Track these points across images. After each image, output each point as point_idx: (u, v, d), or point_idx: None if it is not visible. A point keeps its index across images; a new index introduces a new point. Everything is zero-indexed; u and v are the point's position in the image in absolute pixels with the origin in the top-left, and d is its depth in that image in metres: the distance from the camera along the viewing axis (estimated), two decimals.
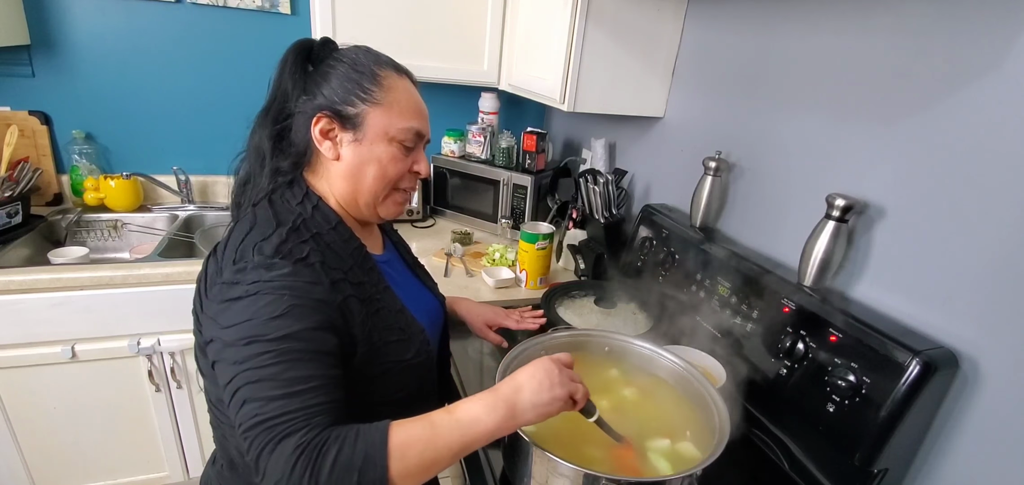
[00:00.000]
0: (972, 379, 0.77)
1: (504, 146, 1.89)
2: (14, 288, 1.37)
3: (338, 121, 0.70)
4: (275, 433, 0.54)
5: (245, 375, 0.57)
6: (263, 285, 0.59)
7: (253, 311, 0.58)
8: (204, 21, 1.81)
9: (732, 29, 1.22)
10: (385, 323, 0.71)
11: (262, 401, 0.55)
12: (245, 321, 0.58)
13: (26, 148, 1.75)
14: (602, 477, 0.63)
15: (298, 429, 0.54)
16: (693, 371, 0.86)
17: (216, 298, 0.62)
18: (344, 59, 0.71)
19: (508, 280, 1.52)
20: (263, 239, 0.62)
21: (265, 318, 0.57)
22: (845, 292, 0.96)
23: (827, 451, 0.86)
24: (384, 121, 0.70)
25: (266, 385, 0.56)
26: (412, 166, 0.75)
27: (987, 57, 0.74)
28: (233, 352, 0.58)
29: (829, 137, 0.99)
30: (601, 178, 1.48)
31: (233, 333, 0.58)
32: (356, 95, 0.70)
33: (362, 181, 0.72)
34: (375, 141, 0.71)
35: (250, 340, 0.57)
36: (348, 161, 0.71)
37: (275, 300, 0.58)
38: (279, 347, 0.57)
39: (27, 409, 1.51)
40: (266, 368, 0.56)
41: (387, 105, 0.71)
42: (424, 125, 0.76)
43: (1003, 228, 0.73)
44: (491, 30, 1.76)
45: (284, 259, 0.61)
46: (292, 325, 0.58)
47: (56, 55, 1.72)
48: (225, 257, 0.64)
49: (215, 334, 0.61)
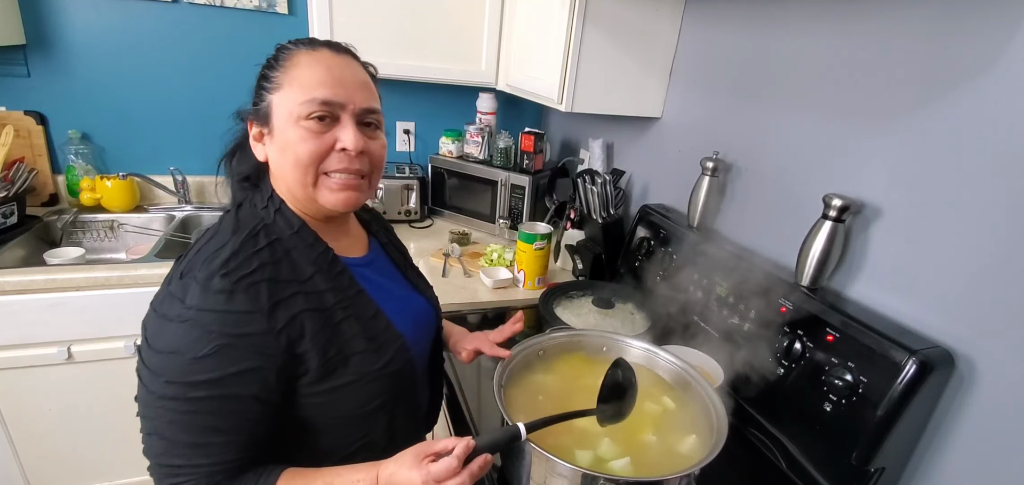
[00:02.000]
0: (968, 378, 0.77)
1: (502, 146, 1.89)
2: (9, 289, 1.36)
3: (258, 121, 0.67)
4: (175, 481, 0.58)
5: (159, 412, 0.58)
6: (197, 315, 0.57)
7: (180, 344, 0.57)
8: (201, 21, 1.81)
9: (729, 29, 1.22)
10: (350, 332, 0.67)
11: (169, 443, 0.58)
12: (170, 353, 0.57)
13: (22, 148, 1.74)
14: (601, 477, 0.64)
15: (197, 483, 0.58)
16: (691, 371, 0.86)
17: (157, 305, 0.61)
18: (271, 58, 0.69)
19: (506, 280, 1.52)
20: (215, 251, 0.61)
21: (190, 358, 0.56)
22: (842, 292, 0.96)
23: (824, 450, 0.86)
24: (286, 102, 0.64)
25: (178, 429, 0.58)
26: (334, 143, 0.66)
27: (983, 57, 0.75)
28: (153, 381, 0.58)
29: (826, 137, 0.99)
30: (599, 178, 1.49)
31: (158, 362, 0.58)
32: (263, 88, 0.66)
33: (285, 174, 0.67)
34: (285, 128, 0.65)
35: (171, 381, 0.57)
36: (272, 159, 0.68)
37: (203, 337, 0.57)
38: (198, 394, 0.57)
39: (23, 410, 1.50)
40: (181, 414, 0.57)
41: (287, 84, 0.65)
42: (336, 92, 0.65)
43: (999, 228, 0.73)
44: (489, 30, 1.76)
45: (226, 277, 0.58)
46: (216, 369, 0.57)
47: (52, 55, 1.72)
48: (179, 266, 0.63)
49: (144, 347, 0.60)
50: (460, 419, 0.98)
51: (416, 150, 2.23)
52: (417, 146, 2.23)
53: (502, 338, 0.91)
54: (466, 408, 0.99)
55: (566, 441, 0.75)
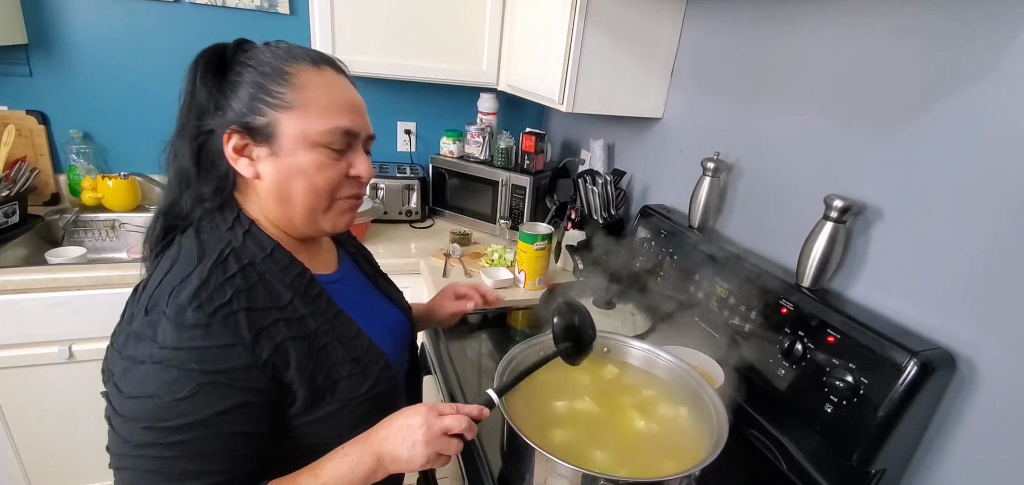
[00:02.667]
0: (969, 380, 0.77)
1: (503, 147, 1.89)
2: (11, 288, 1.36)
3: (250, 135, 0.61)
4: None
5: (138, 461, 0.54)
6: (170, 355, 0.52)
7: (157, 387, 0.52)
8: (202, 21, 1.81)
9: (731, 30, 1.22)
10: (334, 358, 0.65)
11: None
12: (146, 397, 0.53)
13: (23, 147, 1.74)
14: (601, 477, 0.63)
15: None
16: (691, 372, 0.86)
17: (120, 348, 0.56)
18: (251, 61, 0.62)
19: (507, 280, 1.52)
20: (181, 281, 0.55)
21: (169, 400, 0.52)
22: (843, 293, 0.96)
23: (825, 451, 0.86)
24: (300, 125, 0.60)
25: (158, 478, 0.53)
26: (348, 170, 0.65)
27: (985, 58, 0.74)
28: (129, 430, 0.53)
29: (827, 138, 0.99)
30: (600, 179, 1.49)
31: (132, 407, 0.53)
32: (263, 102, 0.60)
33: (291, 198, 0.63)
34: (295, 150, 0.61)
35: (149, 426, 0.53)
36: (270, 178, 0.62)
37: (182, 377, 0.52)
38: (180, 438, 0.53)
39: (24, 410, 1.50)
40: (161, 460, 0.53)
41: (301, 106, 0.61)
42: (355, 121, 0.64)
43: (1000, 229, 0.73)
44: (490, 31, 1.76)
45: (199, 309, 0.53)
46: (198, 411, 0.53)
47: (54, 54, 1.72)
48: (139, 301, 0.57)
49: (112, 392, 0.55)
50: None
51: (417, 150, 2.23)
52: (418, 146, 2.23)
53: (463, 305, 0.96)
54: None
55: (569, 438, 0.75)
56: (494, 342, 1.26)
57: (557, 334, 0.78)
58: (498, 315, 1.39)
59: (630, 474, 0.72)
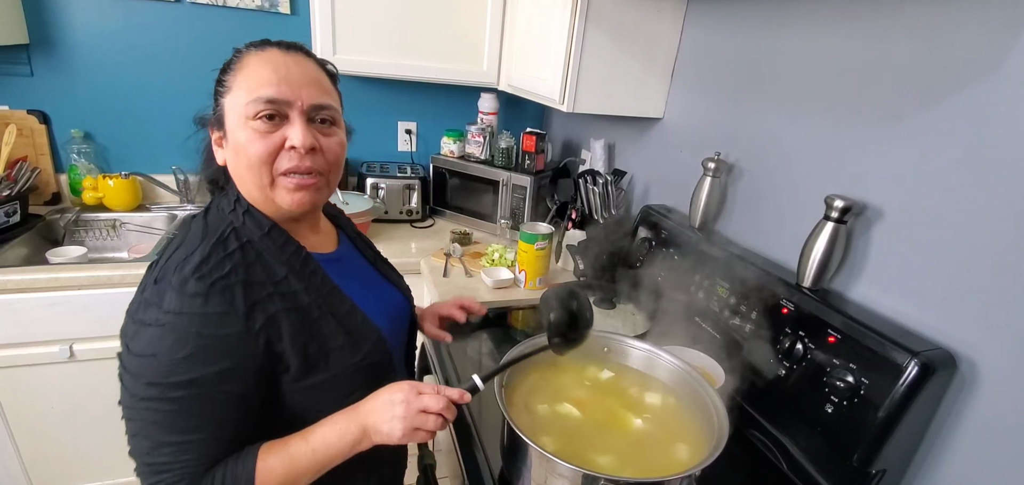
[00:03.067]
0: (970, 380, 0.77)
1: (503, 146, 1.89)
2: (12, 287, 1.36)
3: (216, 126, 0.68)
4: (162, 478, 0.59)
5: (142, 413, 0.59)
6: (174, 319, 0.58)
7: (159, 347, 0.57)
8: (203, 21, 1.81)
9: (731, 30, 1.22)
10: (327, 329, 0.68)
11: (153, 443, 0.59)
12: (151, 356, 0.58)
13: (24, 147, 1.74)
14: (601, 477, 0.63)
15: (182, 478, 0.59)
16: (692, 372, 0.86)
17: (132, 313, 0.61)
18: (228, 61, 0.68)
19: (507, 280, 1.52)
20: (186, 257, 0.60)
21: (169, 360, 0.57)
22: (844, 293, 0.96)
23: (825, 452, 0.86)
24: (235, 104, 0.64)
25: (160, 429, 0.59)
26: (282, 142, 0.64)
27: (986, 59, 0.74)
28: (134, 385, 0.59)
29: (828, 138, 0.99)
30: (600, 179, 1.49)
31: (138, 365, 0.58)
32: (218, 92, 0.67)
33: (241, 176, 0.66)
34: (235, 129, 0.64)
35: (152, 382, 0.58)
36: (229, 161, 0.68)
37: (181, 340, 0.57)
38: (178, 394, 0.58)
39: (25, 409, 1.50)
40: (162, 413, 0.58)
41: (236, 86, 0.64)
42: (281, 90, 0.64)
43: (1001, 230, 0.73)
44: (491, 31, 1.76)
45: (200, 280, 0.58)
46: (195, 370, 0.58)
47: (55, 54, 1.72)
48: (150, 271, 0.63)
49: (124, 352, 0.61)
50: (460, 419, 0.98)
51: (417, 150, 2.23)
52: (419, 146, 2.23)
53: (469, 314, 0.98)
54: (466, 407, 0.99)
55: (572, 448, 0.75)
56: (494, 342, 1.26)
57: (550, 327, 0.79)
58: (498, 315, 1.39)
59: (630, 474, 0.72)
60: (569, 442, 0.76)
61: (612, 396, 0.87)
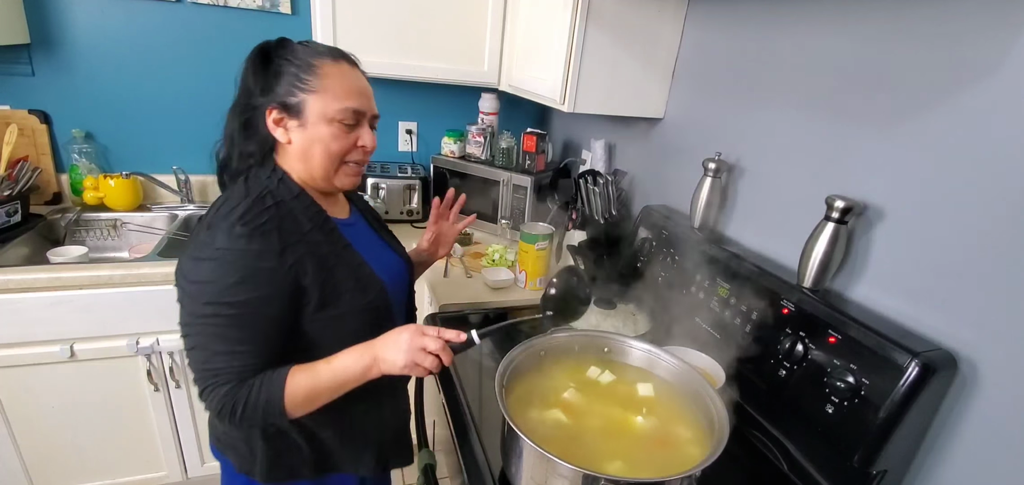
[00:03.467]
0: (971, 381, 0.77)
1: (504, 147, 1.90)
2: (13, 287, 1.37)
3: (285, 111, 0.80)
4: (216, 380, 0.74)
5: (199, 328, 0.74)
6: (224, 253, 0.72)
7: (215, 275, 0.73)
8: (204, 21, 1.81)
9: (732, 31, 1.22)
10: (340, 275, 0.83)
11: (209, 353, 0.74)
12: (207, 283, 0.73)
13: (25, 147, 1.74)
14: (601, 477, 0.63)
15: (231, 381, 0.74)
16: (692, 372, 0.86)
17: (189, 254, 0.76)
18: (289, 56, 0.80)
19: (507, 281, 1.52)
20: (231, 209, 0.75)
21: (222, 285, 0.72)
22: (844, 293, 0.96)
23: (826, 452, 0.86)
24: (321, 105, 0.79)
25: (215, 340, 0.74)
26: (356, 141, 0.84)
27: (986, 60, 0.74)
28: (193, 306, 0.74)
29: (829, 139, 0.99)
30: (601, 179, 1.49)
31: (196, 290, 0.74)
32: (296, 87, 0.79)
33: (312, 159, 0.82)
34: (316, 124, 0.80)
35: (208, 302, 0.73)
36: (298, 143, 0.81)
37: (232, 270, 0.72)
38: (229, 312, 0.73)
39: (25, 408, 1.50)
40: (217, 327, 0.73)
41: (322, 91, 0.79)
42: (362, 103, 0.83)
43: (1002, 230, 0.73)
44: (491, 31, 1.76)
45: (244, 225, 0.73)
46: (242, 294, 0.73)
47: (56, 54, 1.72)
48: (202, 223, 0.77)
49: (182, 284, 0.76)
50: (461, 418, 0.98)
51: (418, 150, 2.23)
52: (419, 146, 2.23)
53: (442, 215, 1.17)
54: (467, 408, 0.99)
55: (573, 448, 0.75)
56: (495, 342, 1.26)
57: (546, 301, 0.94)
58: (498, 315, 1.39)
59: (630, 474, 0.72)
60: (573, 446, 0.76)
61: (609, 400, 0.87)
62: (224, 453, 0.92)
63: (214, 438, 0.94)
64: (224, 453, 0.92)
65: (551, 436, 0.77)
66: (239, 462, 0.90)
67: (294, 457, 0.89)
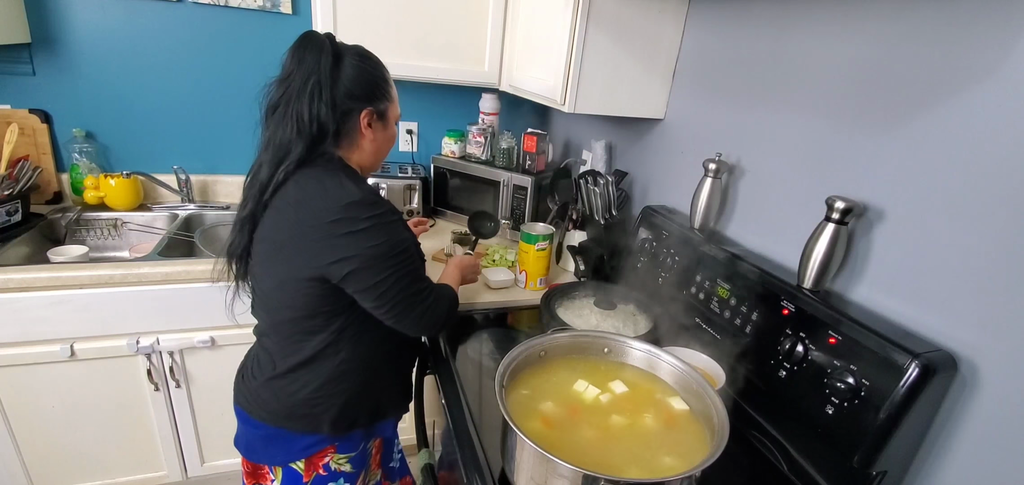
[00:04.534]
0: (971, 382, 0.77)
1: (504, 147, 1.90)
2: (13, 286, 1.37)
3: (376, 115, 0.99)
4: (418, 299, 0.98)
5: (396, 265, 0.93)
6: (382, 217, 0.91)
7: (387, 234, 0.91)
8: (205, 20, 1.82)
9: (733, 32, 1.22)
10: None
11: (411, 279, 0.96)
12: (385, 241, 0.90)
13: (26, 146, 1.75)
14: (601, 478, 0.63)
15: (426, 297, 1.00)
16: (692, 373, 0.86)
17: (338, 232, 0.88)
18: (370, 65, 0.98)
19: (507, 281, 1.52)
20: (350, 192, 0.89)
21: (396, 238, 0.93)
22: (844, 294, 0.96)
23: (826, 453, 0.86)
24: (393, 112, 1.04)
25: (409, 267, 0.96)
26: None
27: (986, 61, 0.74)
28: (383, 261, 0.91)
29: (829, 140, 0.99)
30: (601, 179, 1.49)
31: (379, 249, 0.90)
32: (387, 95, 1.00)
33: (381, 153, 1.05)
34: (389, 125, 1.03)
35: (393, 250, 0.92)
36: (377, 140, 1.02)
37: (394, 225, 0.93)
38: (408, 252, 0.96)
39: (25, 408, 1.51)
40: (405, 265, 0.95)
41: (393, 99, 1.02)
42: None
43: (1002, 231, 0.73)
44: (492, 31, 1.76)
45: (370, 199, 0.90)
46: (409, 238, 0.98)
47: (57, 53, 1.73)
48: (321, 210, 0.88)
49: (353, 253, 0.88)
50: (461, 419, 0.98)
51: (418, 150, 2.23)
52: (420, 146, 2.23)
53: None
54: (467, 407, 0.99)
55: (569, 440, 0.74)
56: (495, 342, 1.26)
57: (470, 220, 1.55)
58: (499, 315, 1.39)
59: (630, 474, 0.72)
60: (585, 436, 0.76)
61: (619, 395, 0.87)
62: (278, 424, 0.99)
63: (262, 414, 1.00)
64: (278, 424, 0.99)
65: (551, 436, 0.77)
66: (302, 424, 0.99)
67: (357, 406, 1.02)
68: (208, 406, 1.69)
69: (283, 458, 1.02)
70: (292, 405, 0.98)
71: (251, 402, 1.01)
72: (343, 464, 1.05)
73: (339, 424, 1.00)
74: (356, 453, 1.07)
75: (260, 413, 1.00)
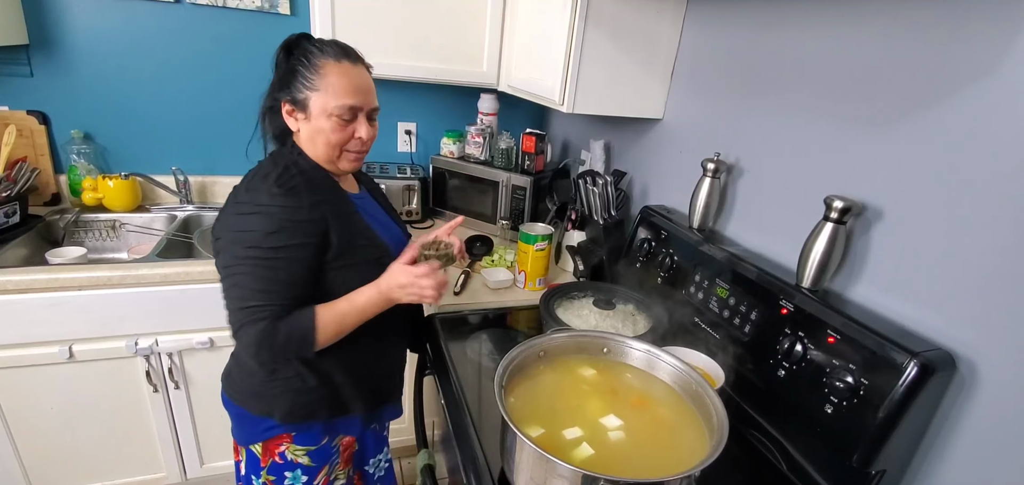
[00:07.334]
0: (969, 381, 0.77)
1: (503, 147, 1.90)
2: (11, 288, 1.36)
3: (295, 106, 0.93)
4: (253, 316, 0.85)
5: (241, 267, 0.85)
6: (264, 208, 0.85)
7: (257, 225, 0.85)
8: (203, 21, 1.81)
9: (731, 31, 1.23)
10: (355, 230, 0.96)
11: (248, 292, 0.85)
12: (250, 230, 0.85)
13: (24, 148, 1.74)
14: (601, 478, 0.63)
15: (267, 317, 0.85)
16: (691, 372, 0.86)
17: (231, 210, 0.89)
18: (301, 55, 0.92)
19: (506, 281, 1.52)
20: (266, 175, 0.89)
21: (263, 232, 0.85)
22: (843, 293, 0.96)
23: (825, 452, 0.86)
24: (322, 102, 0.91)
25: (254, 280, 0.85)
26: (353, 133, 0.95)
27: (984, 60, 0.75)
28: (236, 248, 0.86)
29: (828, 139, 0.99)
30: (600, 179, 1.49)
31: (239, 236, 0.86)
32: (303, 84, 0.91)
33: (316, 146, 0.95)
34: (318, 117, 0.92)
35: (250, 245, 0.85)
36: (304, 133, 0.95)
37: (271, 220, 0.85)
38: (267, 255, 0.85)
39: (24, 409, 1.50)
40: (256, 268, 0.85)
41: (322, 89, 0.91)
42: (358, 100, 0.93)
43: (1001, 230, 0.73)
44: (490, 31, 1.76)
45: (280, 187, 0.86)
46: (280, 240, 0.85)
47: (55, 55, 1.72)
48: (239, 188, 0.91)
49: (224, 233, 0.88)
50: (460, 417, 0.98)
51: (417, 151, 2.23)
52: (418, 147, 2.23)
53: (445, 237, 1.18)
54: (467, 407, 0.99)
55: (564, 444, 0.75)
56: (494, 342, 1.26)
57: None
58: (498, 315, 1.39)
59: (630, 474, 0.72)
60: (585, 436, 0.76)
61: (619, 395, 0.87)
62: (240, 403, 1.02)
63: (229, 390, 1.04)
64: (240, 403, 1.02)
65: (550, 436, 0.77)
66: (258, 406, 1.00)
67: (311, 397, 0.99)
68: (207, 407, 1.68)
69: (246, 438, 1.04)
70: (251, 385, 1.00)
71: (226, 378, 1.06)
72: (300, 456, 1.03)
73: (292, 414, 0.99)
74: (317, 448, 1.04)
75: (229, 389, 1.04)
